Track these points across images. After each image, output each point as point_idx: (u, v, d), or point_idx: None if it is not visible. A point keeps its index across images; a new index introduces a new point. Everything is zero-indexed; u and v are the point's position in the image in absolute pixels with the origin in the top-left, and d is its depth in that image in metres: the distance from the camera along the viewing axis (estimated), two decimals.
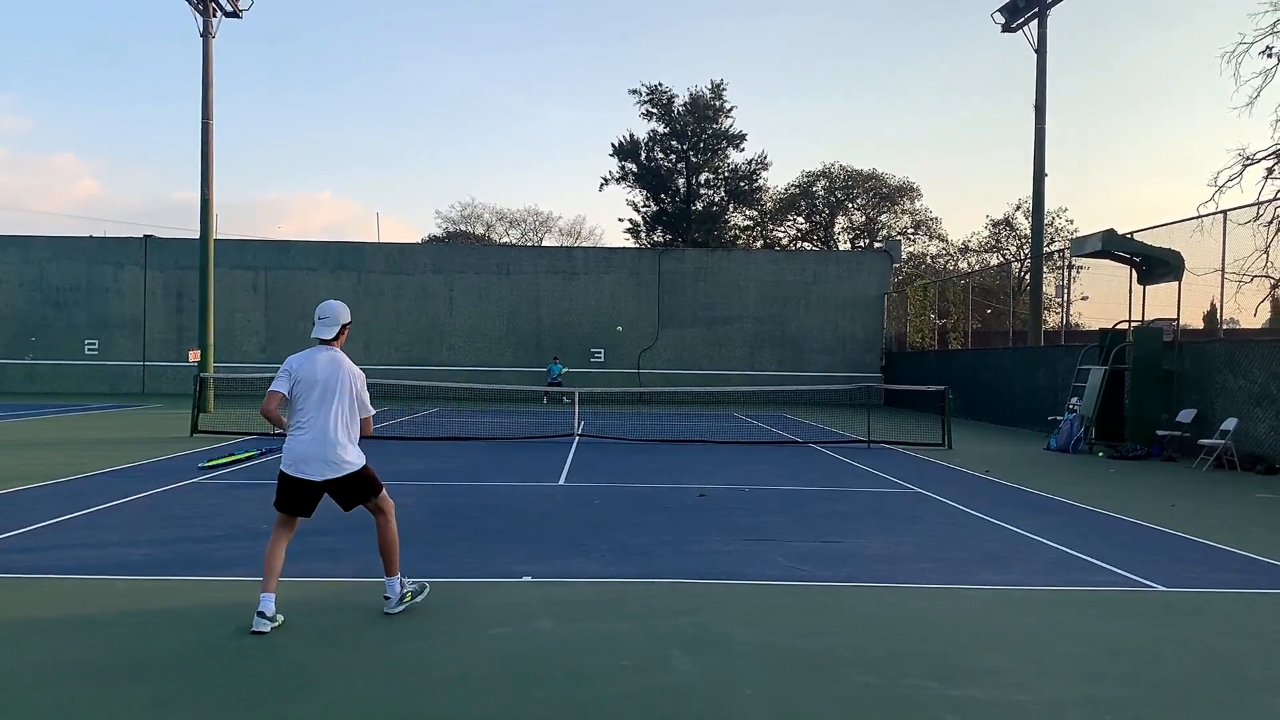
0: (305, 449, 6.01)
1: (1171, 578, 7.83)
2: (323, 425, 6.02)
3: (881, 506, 11.48)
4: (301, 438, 6.04)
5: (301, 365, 6.14)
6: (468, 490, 12.21)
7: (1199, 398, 17.86)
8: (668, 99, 54.14)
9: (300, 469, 6.02)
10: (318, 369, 6.11)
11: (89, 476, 12.73)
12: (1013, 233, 52.71)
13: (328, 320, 6.26)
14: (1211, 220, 18.23)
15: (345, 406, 6.12)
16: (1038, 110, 28.11)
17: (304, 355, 6.21)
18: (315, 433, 6.02)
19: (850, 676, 5.22)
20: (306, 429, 6.04)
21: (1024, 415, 25.09)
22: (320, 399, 6.06)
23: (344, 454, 6.05)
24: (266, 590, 5.88)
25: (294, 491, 6.08)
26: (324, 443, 6.01)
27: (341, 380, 6.12)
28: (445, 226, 66.80)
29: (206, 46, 26.13)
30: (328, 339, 6.24)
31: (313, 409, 6.05)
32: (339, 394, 6.09)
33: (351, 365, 6.24)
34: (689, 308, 39.22)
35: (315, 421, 6.03)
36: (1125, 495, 12.74)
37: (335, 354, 6.22)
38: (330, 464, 6.02)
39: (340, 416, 6.08)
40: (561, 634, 5.93)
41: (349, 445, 6.11)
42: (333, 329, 6.26)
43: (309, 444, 6.01)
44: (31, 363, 38.05)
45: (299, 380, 6.08)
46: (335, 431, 6.04)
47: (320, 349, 6.22)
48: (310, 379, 6.08)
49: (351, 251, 39.34)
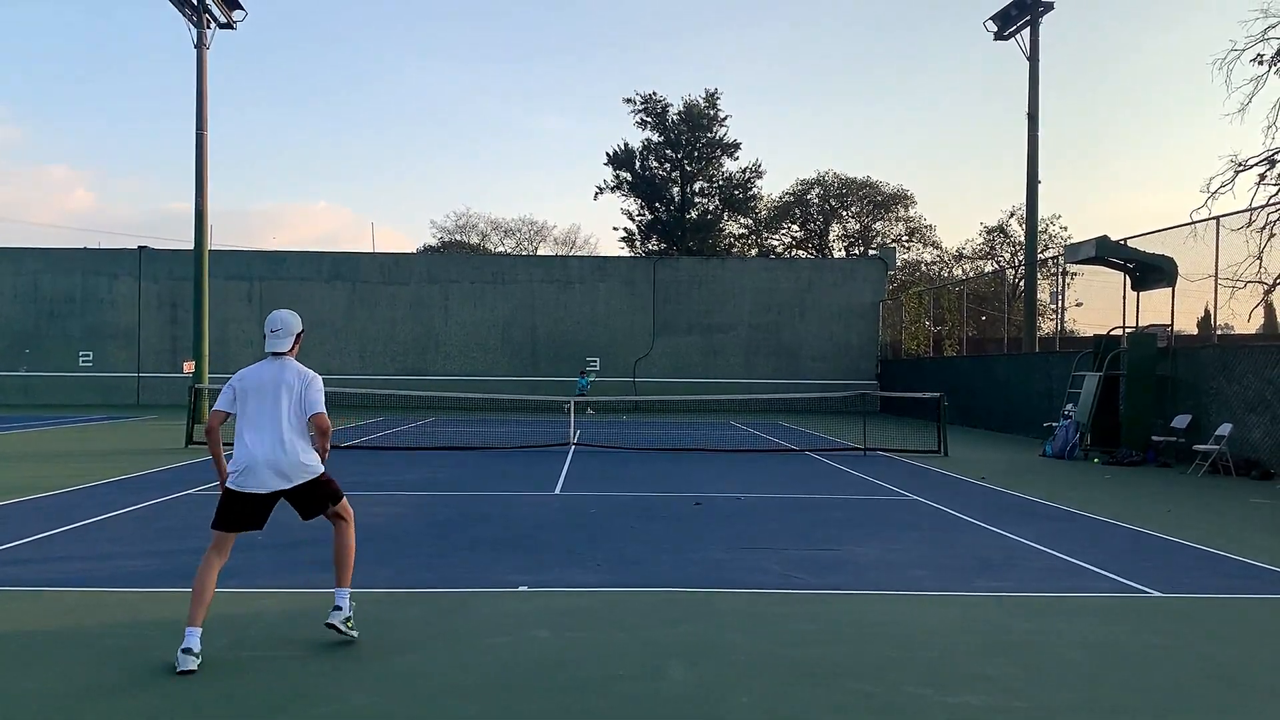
0: (251, 460, 5.67)
1: (1167, 583, 7.83)
2: (270, 433, 5.72)
3: (877, 514, 11.48)
4: (246, 449, 5.71)
5: (243, 377, 5.90)
6: (463, 500, 12.20)
7: (1194, 403, 17.89)
8: (662, 108, 54.32)
9: (246, 482, 5.66)
10: (260, 377, 5.85)
11: (83, 489, 12.69)
12: (1007, 240, 52.86)
13: (280, 332, 5.95)
14: (1205, 226, 18.30)
15: (291, 411, 5.79)
16: (1031, 118, 28.21)
17: (250, 368, 5.96)
18: (263, 443, 5.69)
19: (846, 684, 5.21)
20: (248, 440, 5.73)
21: (1019, 422, 25.12)
22: (259, 407, 5.77)
23: (298, 460, 5.74)
24: (193, 624, 5.45)
25: (242, 506, 5.71)
26: (274, 451, 5.69)
27: (286, 384, 5.81)
28: (440, 236, 66.89)
29: (200, 57, 26.13)
30: (281, 351, 5.95)
31: (254, 417, 5.76)
32: (283, 399, 5.77)
33: (302, 370, 5.92)
34: (684, 316, 39.24)
35: (259, 430, 5.73)
36: (1120, 501, 12.75)
37: (285, 361, 5.94)
38: (282, 473, 5.70)
39: (288, 422, 5.75)
40: (558, 643, 5.92)
41: (303, 451, 5.79)
42: (286, 340, 5.96)
43: (256, 454, 5.67)
44: (25, 375, 37.96)
45: (240, 391, 5.84)
46: (285, 438, 5.72)
47: (269, 361, 5.94)
48: (250, 388, 5.83)
49: (346, 261, 39.34)
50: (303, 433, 5.82)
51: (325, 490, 5.92)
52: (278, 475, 5.69)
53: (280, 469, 5.69)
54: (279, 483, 5.70)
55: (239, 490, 5.68)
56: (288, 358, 5.97)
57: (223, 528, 5.75)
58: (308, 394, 5.85)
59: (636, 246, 55.99)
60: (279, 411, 5.76)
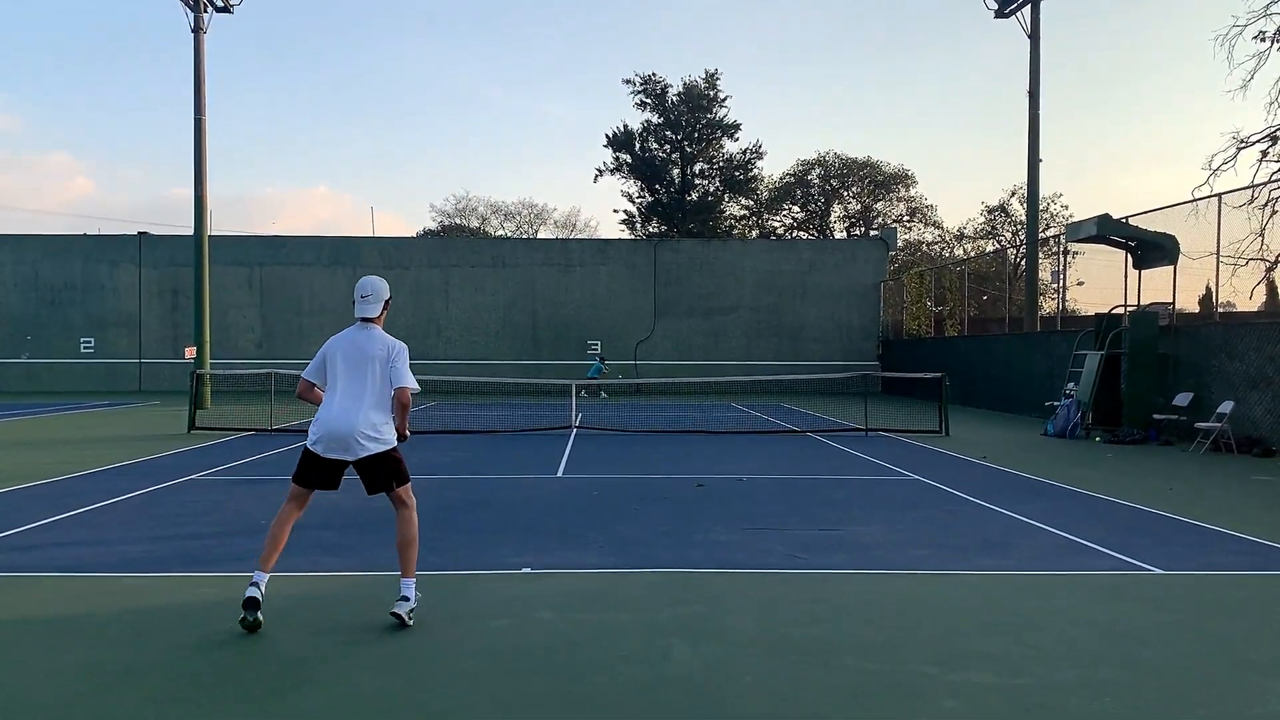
0: (329, 427, 5.84)
1: (1169, 561, 7.85)
2: (349, 403, 5.86)
3: (879, 494, 11.50)
4: (326, 413, 5.89)
5: (333, 342, 6.06)
6: (466, 484, 12.22)
7: (1195, 381, 17.89)
8: (661, 89, 54.12)
9: (323, 448, 5.87)
10: (349, 344, 6.00)
11: (86, 475, 12.72)
12: (1008, 219, 52.75)
13: (370, 298, 6.07)
14: (1206, 204, 18.24)
15: (373, 382, 5.91)
16: (1031, 96, 28.07)
17: (339, 334, 6.11)
18: (339, 409, 5.85)
19: (850, 663, 5.23)
20: (331, 404, 5.92)
21: (1021, 401, 25.12)
22: (346, 373, 5.92)
23: (370, 433, 5.85)
24: (261, 568, 5.78)
25: (317, 467, 5.94)
26: (349, 421, 5.82)
27: (372, 354, 5.93)
28: (440, 220, 66.72)
29: (198, 42, 26.01)
30: (371, 317, 6.06)
31: (337, 384, 5.93)
32: (367, 370, 5.90)
33: (390, 340, 6.01)
34: (685, 299, 39.19)
35: (341, 396, 5.90)
36: (1122, 479, 12.76)
37: (372, 330, 6.05)
38: (353, 445, 5.83)
39: (369, 394, 5.89)
40: (561, 625, 5.94)
41: (377, 424, 5.89)
42: (376, 306, 6.08)
43: (333, 422, 5.84)
44: (28, 362, 37.98)
45: (328, 356, 6.00)
46: (362, 410, 5.85)
47: (359, 327, 6.07)
48: (338, 353, 5.98)
49: (346, 246, 39.28)
50: (382, 404, 5.95)
51: (392, 466, 6.01)
52: (348, 447, 5.86)
53: (352, 440, 5.84)
54: (348, 454, 5.88)
55: (314, 452, 5.90)
56: (375, 325, 6.10)
57: (300, 483, 6.00)
58: (396, 364, 5.96)
59: (637, 229, 55.89)
60: (362, 383, 5.91)
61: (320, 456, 5.91)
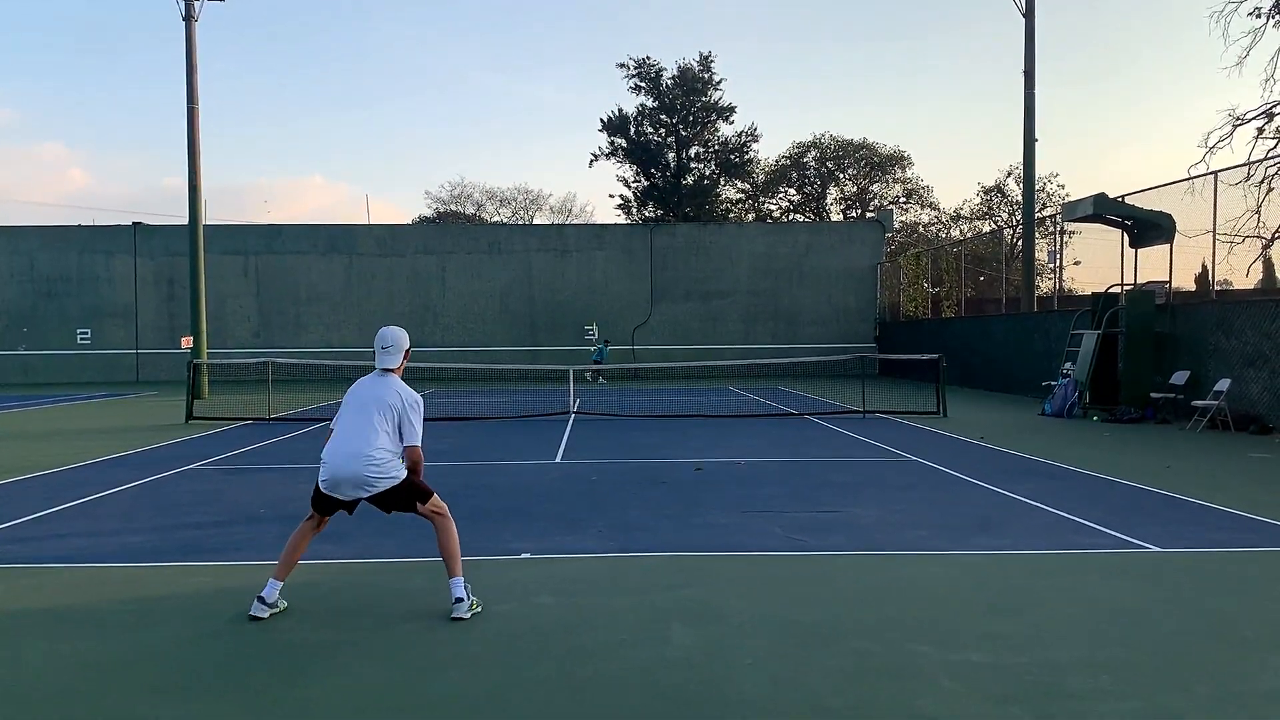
0: (333, 472, 5.80)
1: (1167, 538, 7.87)
2: (352, 444, 5.80)
3: (877, 476, 11.51)
4: (331, 455, 5.84)
5: (353, 390, 6.05)
6: (465, 470, 12.22)
7: (1192, 360, 17.90)
8: (656, 72, 53.89)
9: (331, 488, 5.85)
10: (365, 387, 6.00)
11: (84, 466, 12.71)
12: (1005, 199, 52.62)
13: (391, 348, 6.06)
14: (1203, 182, 18.22)
15: (386, 422, 5.84)
16: (1027, 76, 27.98)
17: (361, 382, 6.10)
18: (344, 452, 5.79)
19: (849, 644, 5.25)
20: (335, 445, 5.85)
21: (1018, 382, 25.14)
22: (358, 410, 5.90)
23: (378, 471, 5.78)
24: (276, 577, 5.86)
25: (329, 502, 5.95)
26: (352, 464, 5.76)
27: (384, 401, 5.87)
28: (435, 207, 66.50)
29: (189, 30, 25.88)
30: (391, 368, 6.06)
31: (342, 423, 5.92)
32: (374, 413, 5.83)
33: (406, 391, 5.95)
34: (682, 283, 39.15)
35: (342, 439, 5.84)
36: (1120, 458, 12.78)
37: (390, 378, 6.02)
38: (359, 485, 5.80)
39: (379, 430, 5.81)
40: (561, 610, 5.95)
41: (382, 462, 5.80)
42: (396, 357, 6.07)
43: (338, 466, 5.79)
44: (24, 354, 37.91)
45: (346, 402, 6.02)
46: (368, 445, 5.77)
47: (378, 375, 6.06)
48: (353, 399, 5.99)
49: (342, 234, 39.19)
50: (389, 447, 5.86)
51: (406, 495, 5.96)
52: (354, 487, 5.84)
53: (356, 481, 5.81)
54: (356, 493, 5.87)
55: (325, 492, 5.90)
56: (393, 375, 6.08)
57: (318, 510, 6.02)
58: (408, 418, 5.92)
59: (633, 213, 55.75)
60: (367, 424, 5.83)
61: (330, 495, 5.90)
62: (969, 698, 4.47)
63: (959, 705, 4.39)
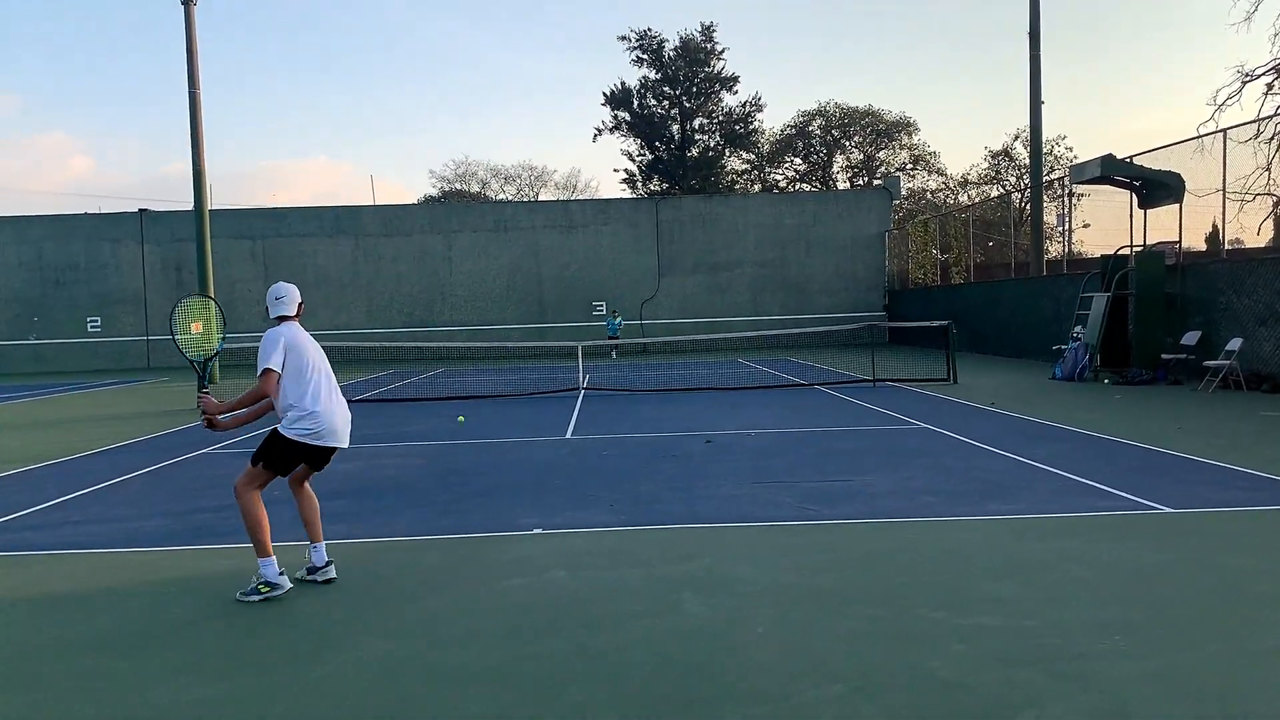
0: (333, 420, 6.07)
1: (1179, 499, 7.85)
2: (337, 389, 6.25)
3: (888, 443, 11.51)
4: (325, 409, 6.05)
5: (299, 336, 6.11)
6: (475, 448, 12.26)
7: (1203, 320, 17.81)
8: (658, 44, 53.61)
9: (330, 439, 6.09)
10: (308, 340, 6.18)
11: (98, 453, 12.79)
12: (1012, 163, 52.32)
13: (285, 299, 6.23)
14: (1212, 140, 18.05)
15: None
16: (1032, 38, 27.69)
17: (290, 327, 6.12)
18: (337, 404, 6.15)
19: (860, 611, 5.26)
20: (324, 390, 6.10)
21: (1029, 346, 25.07)
22: (321, 360, 6.19)
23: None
24: (269, 554, 5.85)
25: (309, 456, 6.13)
26: (345, 412, 6.23)
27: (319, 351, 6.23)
28: (440, 186, 66.47)
29: (188, 14, 25.74)
30: (291, 315, 6.23)
31: (326, 377, 6.16)
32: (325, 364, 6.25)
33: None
34: (689, 256, 39.06)
35: (331, 383, 6.18)
36: (1131, 420, 12.75)
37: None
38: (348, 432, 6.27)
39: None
40: (573, 583, 5.97)
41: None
42: (292, 305, 6.25)
43: (335, 416, 6.09)
44: (35, 343, 38.10)
45: (293, 348, 6.04)
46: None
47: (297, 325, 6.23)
48: (307, 348, 6.10)
49: (348, 216, 39.18)
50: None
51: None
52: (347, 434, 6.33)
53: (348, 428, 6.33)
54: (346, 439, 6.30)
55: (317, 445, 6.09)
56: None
57: (281, 471, 6.14)
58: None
59: (638, 187, 55.62)
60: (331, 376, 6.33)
61: (316, 446, 6.07)
62: (980, 660, 4.48)
63: (970, 668, 4.39)
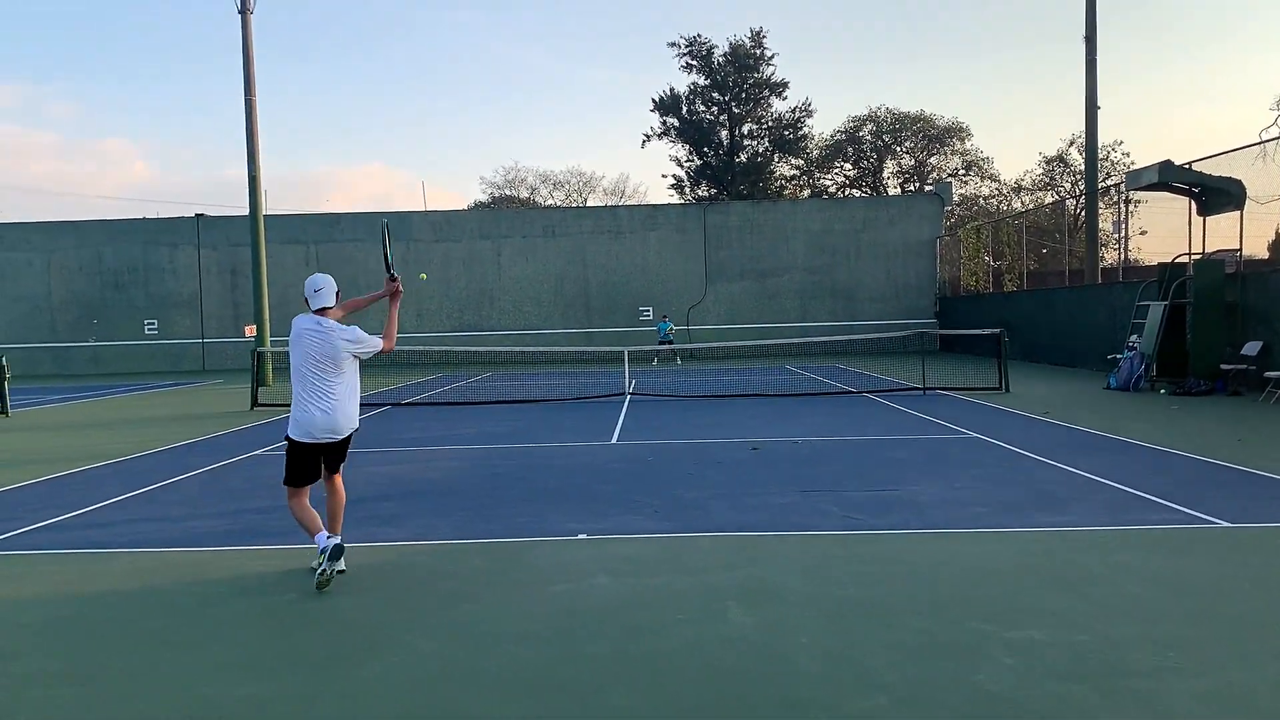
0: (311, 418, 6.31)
1: (1237, 513, 7.66)
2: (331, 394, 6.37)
3: (937, 453, 11.37)
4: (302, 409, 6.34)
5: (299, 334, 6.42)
6: (521, 452, 12.32)
7: (1265, 329, 17.38)
8: (707, 50, 53.50)
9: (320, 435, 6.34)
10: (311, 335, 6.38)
11: (154, 453, 13.05)
12: (1067, 169, 51.49)
13: (324, 290, 6.49)
14: (1275, 145, 17.65)
15: (349, 371, 6.46)
16: (1088, 41, 27.27)
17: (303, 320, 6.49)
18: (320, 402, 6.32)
19: (906, 623, 5.20)
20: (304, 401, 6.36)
21: (1083, 355, 24.64)
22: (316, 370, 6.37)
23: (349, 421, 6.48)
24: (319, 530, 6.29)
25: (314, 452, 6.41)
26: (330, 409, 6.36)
27: (335, 345, 6.36)
28: (490, 192, 66.98)
29: (245, 22, 26.25)
30: (331, 305, 6.53)
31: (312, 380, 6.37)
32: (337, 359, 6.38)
33: (338, 326, 6.44)
34: (737, 262, 38.93)
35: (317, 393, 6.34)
36: (1188, 432, 12.47)
37: (324, 320, 6.45)
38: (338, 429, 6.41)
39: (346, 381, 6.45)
40: (618, 589, 5.97)
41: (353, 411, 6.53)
42: (331, 295, 6.52)
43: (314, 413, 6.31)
44: (95, 345, 38.97)
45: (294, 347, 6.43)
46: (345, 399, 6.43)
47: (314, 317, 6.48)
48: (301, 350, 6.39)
49: (399, 221, 39.57)
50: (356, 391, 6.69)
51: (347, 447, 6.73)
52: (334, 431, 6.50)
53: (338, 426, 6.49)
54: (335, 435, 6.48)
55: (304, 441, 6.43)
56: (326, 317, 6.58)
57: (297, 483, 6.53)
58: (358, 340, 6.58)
59: (686, 193, 55.55)
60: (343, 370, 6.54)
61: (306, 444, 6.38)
62: (1030, 675, 4.40)
63: (1019, 682, 4.32)
